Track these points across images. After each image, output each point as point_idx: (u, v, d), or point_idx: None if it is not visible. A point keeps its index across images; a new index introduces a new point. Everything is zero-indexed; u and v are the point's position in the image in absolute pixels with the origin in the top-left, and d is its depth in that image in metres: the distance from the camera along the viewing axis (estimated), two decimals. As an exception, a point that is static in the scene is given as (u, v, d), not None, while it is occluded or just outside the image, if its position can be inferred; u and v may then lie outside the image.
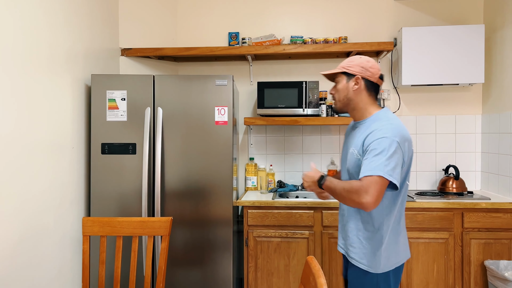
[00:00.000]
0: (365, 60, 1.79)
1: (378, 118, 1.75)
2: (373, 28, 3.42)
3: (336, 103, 1.88)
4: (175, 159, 2.67)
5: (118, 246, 1.96)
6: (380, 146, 1.62)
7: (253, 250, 2.92)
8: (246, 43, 3.35)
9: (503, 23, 3.02)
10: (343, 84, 1.82)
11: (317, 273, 1.22)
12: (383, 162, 1.59)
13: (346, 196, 1.64)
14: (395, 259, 1.75)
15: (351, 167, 1.78)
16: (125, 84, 2.68)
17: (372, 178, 1.58)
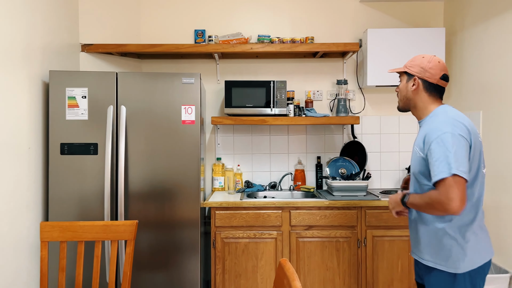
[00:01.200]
0: (427, 60, 1.76)
1: (435, 114, 1.73)
2: (339, 29, 3.45)
3: (398, 102, 1.89)
4: (139, 160, 2.58)
5: (79, 252, 1.86)
6: (444, 143, 1.58)
7: (220, 252, 2.87)
8: (213, 41, 3.29)
9: (462, 26, 3.13)
10: (403, 84, 1.83)
11: (292, 276, 1.19)
12: (451, 160, 1.55)
13: (431, 209, 1.62)
14: (479, 256, 1.68)
15: (413, 165, 1.78)
16: (86, 81, 2.55)
17: (447, 181, 1.54)
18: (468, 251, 1.66)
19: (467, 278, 1.65)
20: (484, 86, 2.84)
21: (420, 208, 1.69)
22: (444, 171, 1.55)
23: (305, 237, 2.88)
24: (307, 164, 3.49)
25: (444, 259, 1.68)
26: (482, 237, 1.70)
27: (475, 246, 1.67)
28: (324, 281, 2.88)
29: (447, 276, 1.68)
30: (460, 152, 1.57)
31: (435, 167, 1.59)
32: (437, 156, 1.59)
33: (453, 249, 1.66)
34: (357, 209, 2.88)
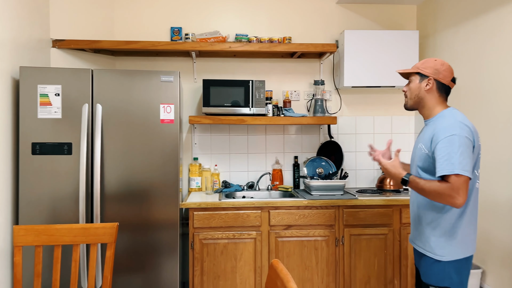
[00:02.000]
0: (440, 63, 1.89)
1: (443, 116, 1.85)
2: (316, 29, 3.48)
3: (407, 101, 1.98)
4: (116, 160, 2.50)
5: (56, 257, 1.78)
6: (452, 144, 1.72)
7: (199, 253, 2.82)
8: (190, 39, 3.23)
9: (435, 30, 3.23)
10: (416, 84, 1.92)
11: (286, 277, 1.18)
12: (457, 160, 1.69)
13: (437, 196, 1.74)
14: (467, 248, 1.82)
15: (418, 161, 1.89)
16: (59, 78, 2.45)
17: (453, 178, 1.69)
18: (456, 243, 1.81)
19: (453, 266, 1.80)
20: (456, 89, 2.94)
21: (423, 192, 1.79)
22: (447, 168, 1.70)
23: (284, 236, 2.89)
24: (285, 164, 3.49)
25: (434, 247, 1.84)
26: (471, 231, 1.83)
27: (463, 239, 1.81)
28: (303, 280, 2.90)
29: (435, 262, 1.83)
30: (466, 153, 1.72)
31: (440, 163, 1.73)
32: (443, 154, 1.73)
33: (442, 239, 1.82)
34: (335, 208, 2.91)
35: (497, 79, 2.51)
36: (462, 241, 1.81)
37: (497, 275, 2.51)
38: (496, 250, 2.51)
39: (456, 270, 1.81)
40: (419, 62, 1.98)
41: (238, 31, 3.42)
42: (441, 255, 1.82)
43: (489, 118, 2.58)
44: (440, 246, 1.82)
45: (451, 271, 1.81)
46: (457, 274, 1.81)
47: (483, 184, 2.63)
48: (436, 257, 1.83)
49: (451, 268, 1.81)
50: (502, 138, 2.46)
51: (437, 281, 1.82)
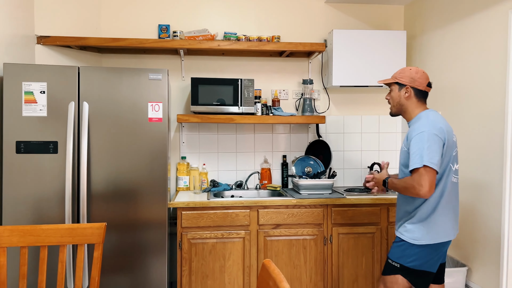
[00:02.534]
0: (414, 71, 2.10)
1: (419, 117, 2.07)
2: (304, 28, 3.48)
3: (391, 108, 2.20)
4: (103, 159, 2.46)
5: (42, 258, 1.74)
6: (421, 140, 1.92)
7: (187, 253, 2.80)
8: (178, 37, 3.20)
9: (422, 31, 3.26)
10: (396, 92, 2.14)
11: (278, 277, 1.17)
12: (425, 153, 1.89)
13: (406, 191, 1.97)
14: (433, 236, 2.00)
15: (401, 160, 2.11)
16: (44, 75, 2.40)
17: (420, 170, 1.89)
18: (427, 229, 2.01)
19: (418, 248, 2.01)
20: (442, 89, 2.98)
21: (398, 190, 2.04)
22: (417, 162, 1.90)
23: (272, 236, 2.88)
24: (273, 163, 3.49)
25: (406, 229, 2.06)
26: (440, 221, 2.01)
27: (431, 226, 2.00)
28: (291, 279, 2.90)
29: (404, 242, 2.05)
30: (433, 148, 1.91)
31: (411, 158, 1.94)
32: (414, 150, 1.94)
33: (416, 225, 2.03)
34: (323, 207, 2.92)
35: (484, 78, 2.55)
36: (431, 228, 2.00)
37: (483, 272, 2.55)
38: (481, 248, 2.55)
39: (416, 253, 2.01)
40: (396, 71, 2.16)
41: (227, 29, 3.40)
42: (409, 238, 2.03)
43: (476, 118, 2.62)
44: (410, 230, 2.03)
45: (410, 252, 2.02)
46: (416, 257, 2.01)
47: (466, 182, 2.67)
48: (404, 237, 2.05)
49: (409, 248, 2.02)
50: (489, 137, 2.50)
51: (395, 258, 2.07)
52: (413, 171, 1.93)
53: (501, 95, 2.39)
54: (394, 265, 2.07)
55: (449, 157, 2.01)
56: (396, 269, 2.07)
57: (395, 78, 2.13)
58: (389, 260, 2.11)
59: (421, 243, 2.00)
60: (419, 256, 2.01)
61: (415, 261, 2.02)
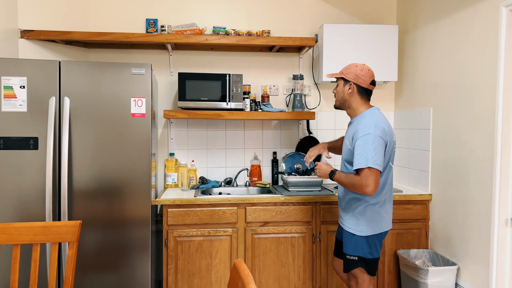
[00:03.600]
0: (359, 68, 2.17)
1: (363, 116, 2.15)
2: (295, 23, 3.42)
3: (335, 102, 2.29)
4: (85, 155, 2.41)
5: (15, 257, 1.70)
6: (366, 142, 2.02)
7: (173, 251, 2.76)
8: (166, 31, 3.15)
9: (414, 25, 3.20)
10: (341, 88, 2.22)
11: (246, 279, 1.13)
12: (370, 155, 2.00)
13: (351, 187, 2.08)
14: (378, 226, 2.18)
15: (344, 155, 2.23)
16: (24, 70, 2.34)
17: (366, 171, 2.01)
18: (370, 221, 2.17)
19: (365, 240, 2.17)
20: (435, 84, 2.92)
21: (343, 184, 2.15)
22: (363, 163, 2.02)
23: (260, 233, 2.84)
24: (263, 160, 3.44)
25: (355, 224, 2.19)
26: (382, 213, 2.19)
27: (375, 218, 2.17)
28: (279, 277, 2.86)
29: (353, 236, 2.19)
30: (377, 149, 2.03)
31: (356, 158, 2.05)
32: (360, 150, 2.04)
33: (361, 218, 2.18)
34: (312, 205, 2.87)
35: (475, 74, 2.50)
36: (379, 220, 2.17)
37: (472, 271, 2.50)
38: (471, 247, 2.50)
39: (369, 243, 2.17)
40: (344, 67, 2.23)
41: (215, 23, 3.34)
42: (359, 231, 2.17)
43: (467, 113, 2.56)
44: (358, 224, 2.17)
45: (365, 244, 2.17)
46: (369, 246, 2.17)
47: (460, 181, 2.62)
48: (354, 232, 2.18)
49: (364, 241, 2.17)
50: (480, 134, 2.44)
51: (352, 252, 2.19)
52: (359, 170, 2.04)
53: (492, 90, 2.33)
54: (353, 259, 2.21)
55: (389, 156, 2.14)
56: (356, 263, 2.20)
57: (341, 74, 2.21)
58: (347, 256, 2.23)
59: (368, 233, 2.17)
60: (370, 245, 2.18)
61: (369, 249, 2.18)
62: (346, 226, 2.23)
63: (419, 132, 3.11)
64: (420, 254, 2.87)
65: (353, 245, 2.19)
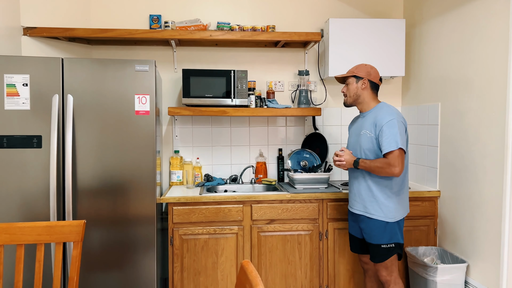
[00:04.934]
0: (369, 67, 2.39)
1: (379, 108, 2.35)
2: (300, 18, 3.37)
3: (347, 99, 2.44)
4: (89, 153, 2.39)
5: (19, 257, 1.67)
6: (393, 126, 2.20)
7: (178, 249, 2.73)
8: (169, 27, 3.11)
9: (422, 19, 3.14)
10: (353, 85, 2.39)
11: (255, 280, 1.09)
12: (398, 138, 2.18)
13: (380, 170, 2.21)
14: (404, 210, 2.35)
15: (364, 145, 2.32)
16: (27, 67, 2.32)
17: (395, 152, 2.17)
18: (400, 206, 2.32)
19: (398, 225, 2.31)
20: (443, 79, 2.86)
21: (370, 168, 2.25)
22: (393, 145, 2.18)
23: (266, 231, 2.81)
24: (269, 157, 3.41)
25: (386, 212, 2.28)
26: (404, 197, 2.35)
27: (403, 203, 2.34)
28: (286, 275, 2.83)
29: (386, 224, 2.29)
30: (402, 133, 2.23)
31: (386, 142, 2.20)
32: (388, 135, 2.20)
33: (390, 205, 2.28)
34: (318, 202, 2.83)
35: (485, 67, 2.44)
36: (403, 204, 2.34)
37: (482, 268, 2.46)
38: (480, 244, 2.46)
39: (399, 228, 2.31)
40: (352, 68, 2.42)
41: (220, 19, 3.30)
42: (393, 217, 2.27)
43: (477, 108, 2.51)
44: (389, 211, 2.27)
45: (397, 229, 2.29)
46: (400, 232, 2.31)
47: (469, 178, 2.57)
48: (386, 219, 2.27)
49: (396, 226, 2.29)
50: (490, 129, 2.39)
51: (388, 240, 2.28)
52: (388, 153, 2.19)
53: (503, 84, 2.28)
54: (391, 246, 2.29)
55: (407, 141, 2.30)
56: (394, 250, 2.30)
57: (353, 72, 2.38)
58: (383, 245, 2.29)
59: (400, 218, 2.31)
60: (401, 230, 2.33)
61: (401, 234, 2.33)
62: (376, 215, 2.29)
63: (427, 128, 3.05)
64: (429, 252, 2.82)
65: (388, 233, 2.28)
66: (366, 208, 2.34)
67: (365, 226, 2.35)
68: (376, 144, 2.27)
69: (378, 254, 2.31)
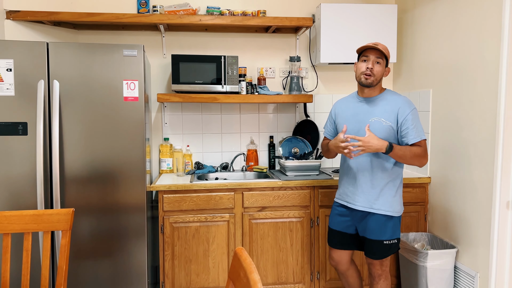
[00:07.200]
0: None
1: (392, 93, 2.21)
2: (291, 2, 3.32)
3: (373, 80, 2.14)
4: (76, 140, 2.33)
5: (5, 246, 1.63)
6: (416, 116, 2.13)
7: (169, 237, 2.71)
8: (158, 11, 3.03)
9: (414, 4, 3.11)
10: (383, 67, 2.16)
11: (249, 268, 1.07)
12: (422, 127, 2.13)
13: (413, 160, 2.08)
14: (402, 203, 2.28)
15: (378, 134, 2.11)
16: (10, 51, 2.25)
17: (424, 142, 2.11)
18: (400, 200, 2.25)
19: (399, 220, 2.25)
20: (435, 65, 2.85)
21: (404, 156, 2.08)
22: (422, 135, 2.11)
23: (258, 218, 2.80)
24: (260, 144, 3.38)
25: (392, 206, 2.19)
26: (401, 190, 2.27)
27: (401, 196, 2.26)
28: (277, 262, 2.83)
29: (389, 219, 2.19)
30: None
31: (414, 132, 2.09)
32: (415, 124, 2.11)
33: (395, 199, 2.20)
34: (310, 189, 2.82)
35: (477, 54, 2.43)
36: (401, 197, 2.25)
37: (472, 253, 2.48)
38: (470, 230, 2.48)
39: (400, 222, 2.24)
40: (385, 47, 2.15)
41: (209, 3, 3.23)
42: (398, 211, 2.20)
43: (468, 95, 2.51)
44: (395, 205, 2.19)
45: (398, 224, 2.23)
46: (399, 225, 2.24)
47: (460, 164, 2.58)
48: (392, 213, 2.17)
49: (398, 221, 2.22)
50: (481, 116, 2.40)
51: (391, 236, 2.19)
52: (418, 142, 2.09)
53: (495, 71, 2.27)
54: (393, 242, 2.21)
55: None
56: (396, 246, 2.23)
57: (388, 54, 2.16)
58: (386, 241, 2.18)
59: (401, 212, 2.24)
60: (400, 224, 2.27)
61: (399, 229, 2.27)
62: (383, 210, 2.17)
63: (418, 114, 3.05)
64: (419, 237, 2.84)
65: (391, 228, 2.19)
66: (371, 203, 2.18)
67: (367, 221, 2.20)
68: (394, 133, 2.12)
69: (378, 251, 2.19)
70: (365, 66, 2.13)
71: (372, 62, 2.12)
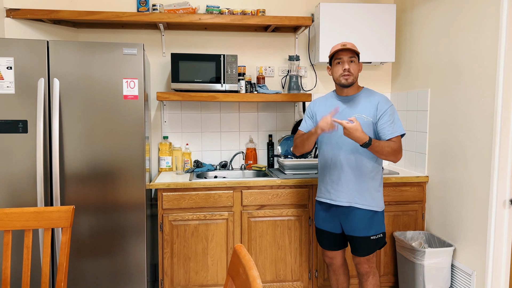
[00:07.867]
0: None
1: (371, 90, 2.28)
2: (291, 2, 3.33)
3: (353, 79, 2.19)
4: (76, 138, 2.34)
5: (6, 243, 1.65)
6: (394, 111, 2.20)
7: (168, 235, 2.73)
8: (157, 10, 3.04)
9: (413, 4, 3.13)
10: (357, 64, 2.21)
11: (248, 264, 1.09)
12: (400, 124, 2.19)
13: (390, 154, 2.11)
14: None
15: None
16: (11, 50, 2.25)
17: (399, 137, 2.17)
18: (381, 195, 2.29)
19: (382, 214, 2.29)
20: (433, 65, 2.87)
21: (382, 150, 2.10)
22: (400, 130, 2.17)
23: (257, 216, 2.81)
24: (259, 143, 3.40)
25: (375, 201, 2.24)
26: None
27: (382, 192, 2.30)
28: (275, 260, 2.85)
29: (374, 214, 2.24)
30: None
31: (391, 126, 2.15)
32: (393, 119, 2.17)
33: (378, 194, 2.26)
34: (308, 187, 2.84)
35: (475, 54, 2.45)
36: (382, 193, 2.29)
37: (469, 252, 2.50)
38: (468, 228, 2.50)
39: (383, 217, 2.28)
40: (352, 44, 2.18)
41: (209, 2, 3.24)
42: (381, 206, 2.25)
43: (466, 95, 2.53)
44: (378, 200, 2.24)
45: (383, 219, 2.27)
46: (383, 220, 2.28)
47: (457, 163, 2.60)
48: (376, 208, 2.22)
49: (382, 216, 2.26)
50: (479, 115, 2.41)
51: (377, 231, 2.23)
52: (395, 137, 2.15)
53: (492, 71, 2.29)
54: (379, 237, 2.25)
55: None
56: (382, 240, 2.27)
57: (358, 51, 2.20)
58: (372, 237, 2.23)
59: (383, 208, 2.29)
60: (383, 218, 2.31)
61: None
62: (367, 205, 2.21)
63: (416, 114, 3.07)
64: (417, 236, 2.86)
65: (376, 222, 2.23)
66: (355, 198, 2.20)
67: (352, 218, 2.22)
68: (373, 128, 2.18)
69: (366, 247, 2.23)
70: (342, 68, 2.17)
71: (347, 63, 2.17)
